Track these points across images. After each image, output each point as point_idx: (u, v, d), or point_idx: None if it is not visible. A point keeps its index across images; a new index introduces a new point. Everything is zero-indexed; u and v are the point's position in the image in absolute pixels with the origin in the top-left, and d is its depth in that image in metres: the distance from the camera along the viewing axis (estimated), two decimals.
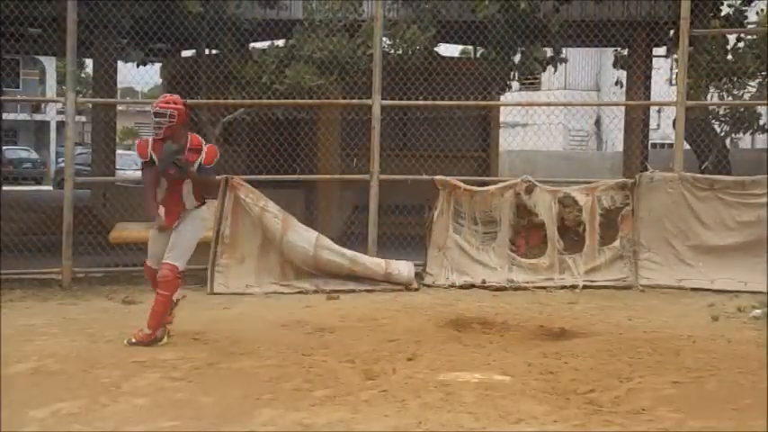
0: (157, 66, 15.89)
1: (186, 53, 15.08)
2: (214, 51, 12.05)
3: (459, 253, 9.50)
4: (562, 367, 5.81)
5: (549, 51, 12.67)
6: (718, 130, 13.80)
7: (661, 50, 14.66)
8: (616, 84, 15.39)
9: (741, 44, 12.45)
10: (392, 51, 10.81)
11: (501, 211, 9.56)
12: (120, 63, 14.90)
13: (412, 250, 9.80)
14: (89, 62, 17.66)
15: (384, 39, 10.21)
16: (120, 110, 24.76)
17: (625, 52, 14.24)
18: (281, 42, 11.66)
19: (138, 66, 14.09)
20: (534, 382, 5.45)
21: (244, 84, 10.54)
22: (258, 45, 12.56)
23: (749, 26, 12.84)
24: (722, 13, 12.31)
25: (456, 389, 5.24)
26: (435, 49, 11.93)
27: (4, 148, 24.00)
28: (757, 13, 12.98)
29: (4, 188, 16.75)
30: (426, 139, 12.96)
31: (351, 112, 11.57)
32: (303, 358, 5.99)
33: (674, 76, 12.50)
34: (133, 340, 6.36)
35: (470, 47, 16.57)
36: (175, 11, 10.24)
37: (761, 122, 14.03)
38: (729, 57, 12.24)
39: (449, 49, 16.96)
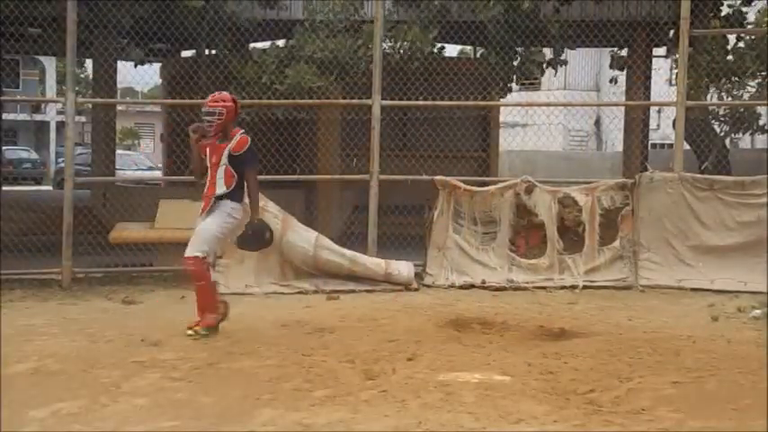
0: (157, 66, 15.89)
1: (186, 53, 15.08)
2: (214, 51, 12.05)
3: (459, 253, 9.50)
4: (562, 367, 5.81)
5: (548, 53, 12.66)
6: (718, 130, 13.82)
7: (661, 51, 14.68)
8: (611, 81, 15.38)
9: (741, 44, 12.46)
10: (393, 52, 10.81)
11: (501, 211, 9.56)
12: (120, 63, 14.90)
13: (412, 250, 9.80)
14: (89, 62, 17.63)
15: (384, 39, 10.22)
16: (120, 110, 24.74)
17: (624, 53, 14.24)
18: (281, 42, 11.66)
19: (135, 65, 14.09)
20: (534, 382, 5.45)
21: (244, 84, 10.54)
22: (258, 45, 12.56)
23: (748, 26, 12.86)
24: (722, 14, 12.32)
25: (456, 389, 5.24)
26: (436, 50, 11.89)
27: (3, 148, 23.99)
28: (759, 11, 13.00)
29: (4, 188, 16.75)
30: (426, 140, 12.95)
31: (351, 112, 11.56)
32: (303, 358, 5.99)
33: (673, 77, 12.50)
34: (202, 332, 6.53)
35: (469, 47, 16.58)
36: (175, 11, 10.24)
37: (760, 122, 14.06)
38: (729, 57, 12.25)
39: (448, 50, 16.95)
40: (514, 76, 11.85)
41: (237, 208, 6.77)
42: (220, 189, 6.64)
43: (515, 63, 11.59)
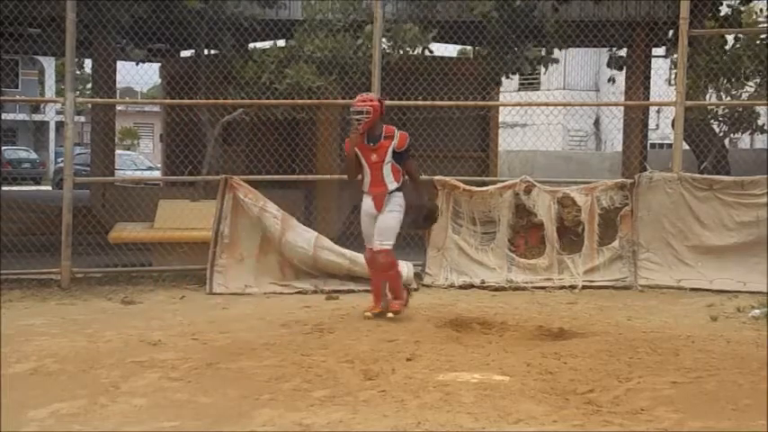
0: (157, 66, 15.88)
1: (186, 53, 15.08)
2: (213, 51, 12.04)
3: (458, 253, 9.50)
4: (561, 367, 5.81)
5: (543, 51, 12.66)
6: (717, 130, 13.80)
7: (660, 51, 14.67)
8: (608, 80, 15.32)
9: (738, 44, 12.46)
10: (392, 52, 10.80)
11: (500, 211, 9.56)
12: (119, 63, 14.90)
13: (411, 250, 9.79)
14: (88, 62, 17.62)
15: (383, 39, 10.20)
16: (120, 110, 24.70)
17: (622, 52, 14.23)
18: (281, 42, 11.66)
19: (137, 64, 14.08)
20: (533, 382, 5.45)
21: (243, 84, 10.54)
22: (258, 45, 12.56)
23: (746, 27, 12.86)
24: (721, 14, 12.33)
25: (455, 389, 5.24)
26: (433, 50, 11.87)
27: (3, 148, 23.98)
28: (747, 11, 13.01)
29: (4, 188, 16.74)
30: (425, 140, 12.95)
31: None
32: (302, 358, 5.99)
33: (673, 77, 12.49)
34: (390, 315, 7.31)
35: (468, 47, 16.58)
36: (174, 11, 10.24)
37: (759, 122, 14.03)
38: (726, 57, 12.25)
39: (447, 50, 16.96)
40: (506, 71, 11.79)
41: (402, 196, 7.41)
42: (392, 185, 7.33)
43: (507, 57, 11.55)
